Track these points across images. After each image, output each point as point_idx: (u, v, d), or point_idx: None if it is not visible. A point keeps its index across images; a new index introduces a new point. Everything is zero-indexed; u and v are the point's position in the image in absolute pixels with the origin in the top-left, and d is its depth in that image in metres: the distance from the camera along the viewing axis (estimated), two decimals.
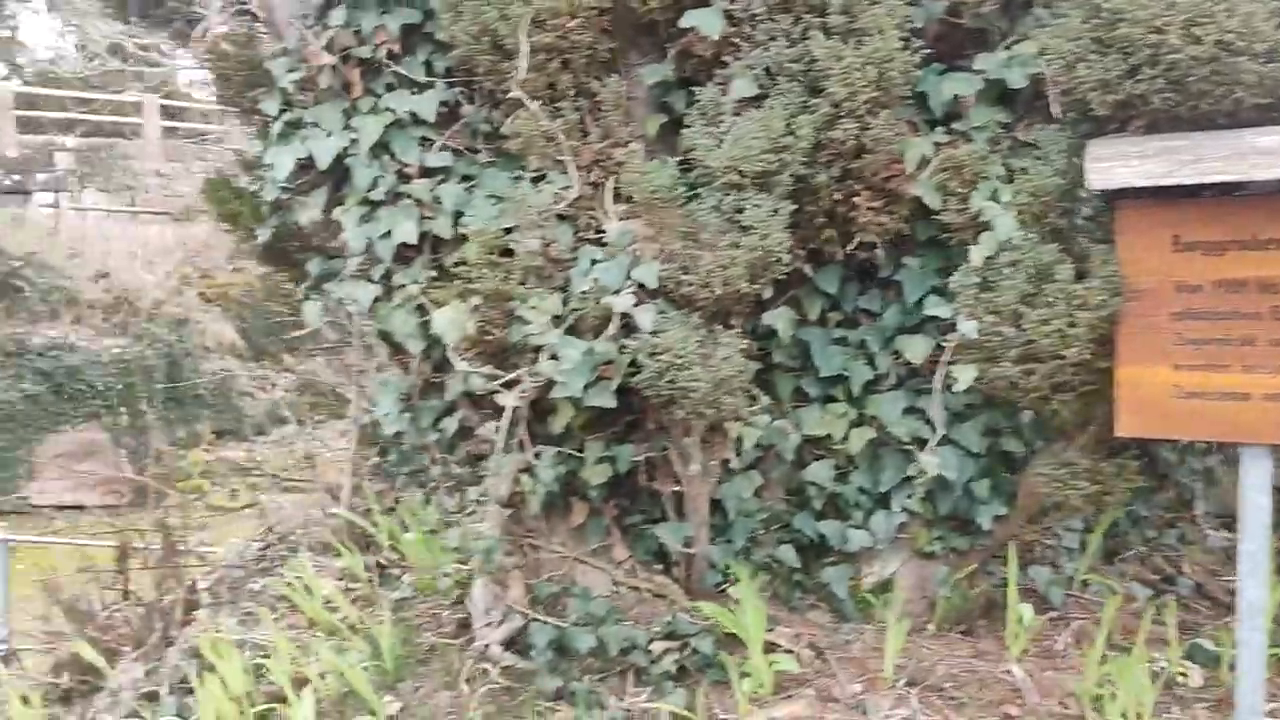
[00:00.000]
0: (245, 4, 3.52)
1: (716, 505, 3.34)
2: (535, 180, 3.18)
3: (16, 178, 17.50)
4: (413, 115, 3.29)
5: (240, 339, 16.79)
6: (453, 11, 3.05)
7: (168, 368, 15.40)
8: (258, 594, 4.32)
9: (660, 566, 3.51)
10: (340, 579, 4.34)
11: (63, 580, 4.61)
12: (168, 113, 19.76)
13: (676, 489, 3.29)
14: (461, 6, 3.02)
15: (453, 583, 3.98)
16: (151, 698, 3.70)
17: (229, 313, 16.80)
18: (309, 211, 3.39)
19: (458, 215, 3.24)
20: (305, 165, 3.34)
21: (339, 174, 3.37)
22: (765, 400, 3.15)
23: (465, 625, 3.82)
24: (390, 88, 3.34)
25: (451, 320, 3.00)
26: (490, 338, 3.00)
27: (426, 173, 3.31)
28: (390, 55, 3.30)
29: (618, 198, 3.07)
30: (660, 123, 3.14)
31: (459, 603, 3.94)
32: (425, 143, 3.32)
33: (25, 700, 3.84)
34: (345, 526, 4.63)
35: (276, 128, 3.33)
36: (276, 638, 3.69)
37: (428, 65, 3.35)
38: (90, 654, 3.92)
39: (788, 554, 3.41)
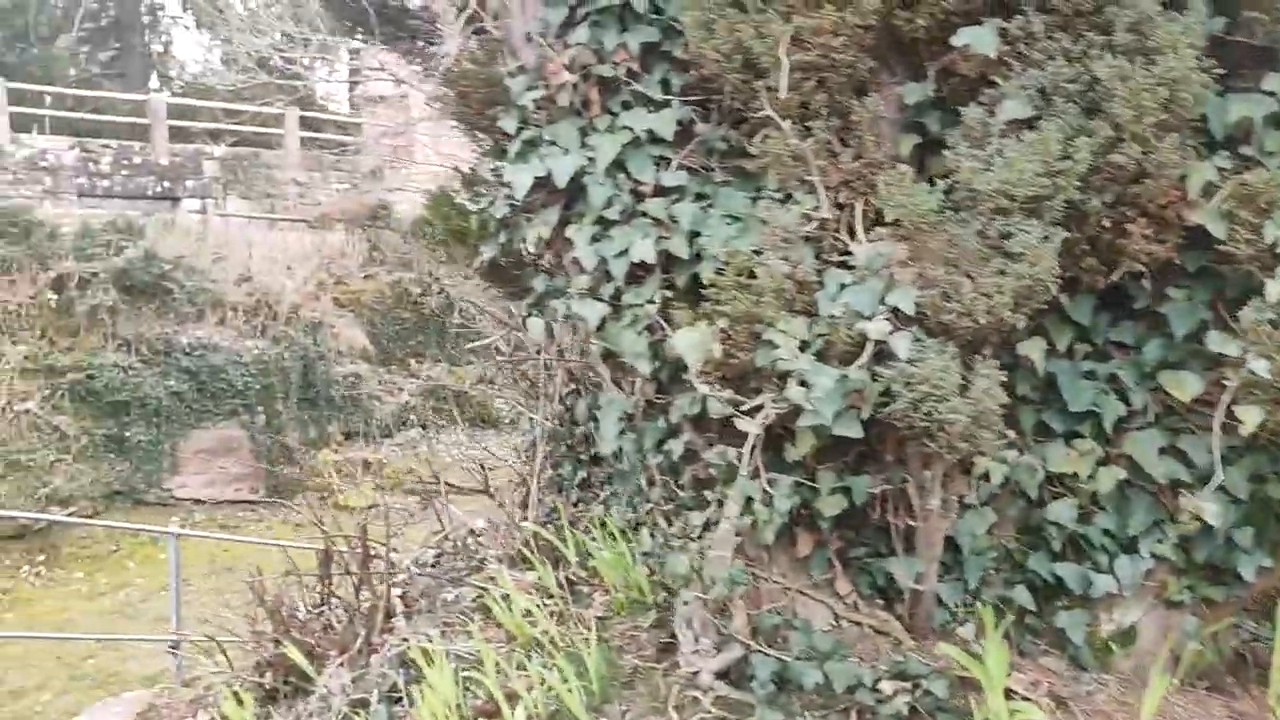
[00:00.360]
0: (480, 22, 3.48)
1: (948, 541, 3.18)
2: (774, 200, 3.07)
3: (167, 184, 18.16)
4: (649, 133, 3.21)
5: (370, 344, 17.10)
6: (703, 30, 2.96)
7: (302, 370, 15.76)
8: (451, 604, 4.30)
9: (881, 602, 3.36)
10: (532, 593, 4.28)
11: (268, 581, 4.63)
12: (307, 124, 20.31)
13: (909, 523, 3.14)
14: (714, 25, 2.92)
15: (655, 605, 3.89)
16: (361, 705, 3.69)
17: (361, 318, 17.14)
18: (538, 229, 3.33)
19: (693, 235, 3.15)
20: (540, 183, 3.29)
21: (571, 192, 3.31)
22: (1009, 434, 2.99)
23: (668, 649, 3.71)
24: (626, 106, 3.27)
25: (695, 342, 2.90)
26: (734, 361, 2.90)
27: (660, 191, 3.23)
28: (629, 73, 3.23)
29: (868, 219, 2.95)
30: (913, 143, 3.01)
31: (659, 625, 3.84)
32: (661, 161, 3.24)
33: (238, 699, 3.87)
34: (531, 539, 4.60)
35: (515, 146, 3.29)
36: (484, 651, 3.64)
37: (664, 83, 3.28)
38: (297, 656, 3.94)
39: (1021, 595, 3.22)
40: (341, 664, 3.87)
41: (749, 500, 3.00)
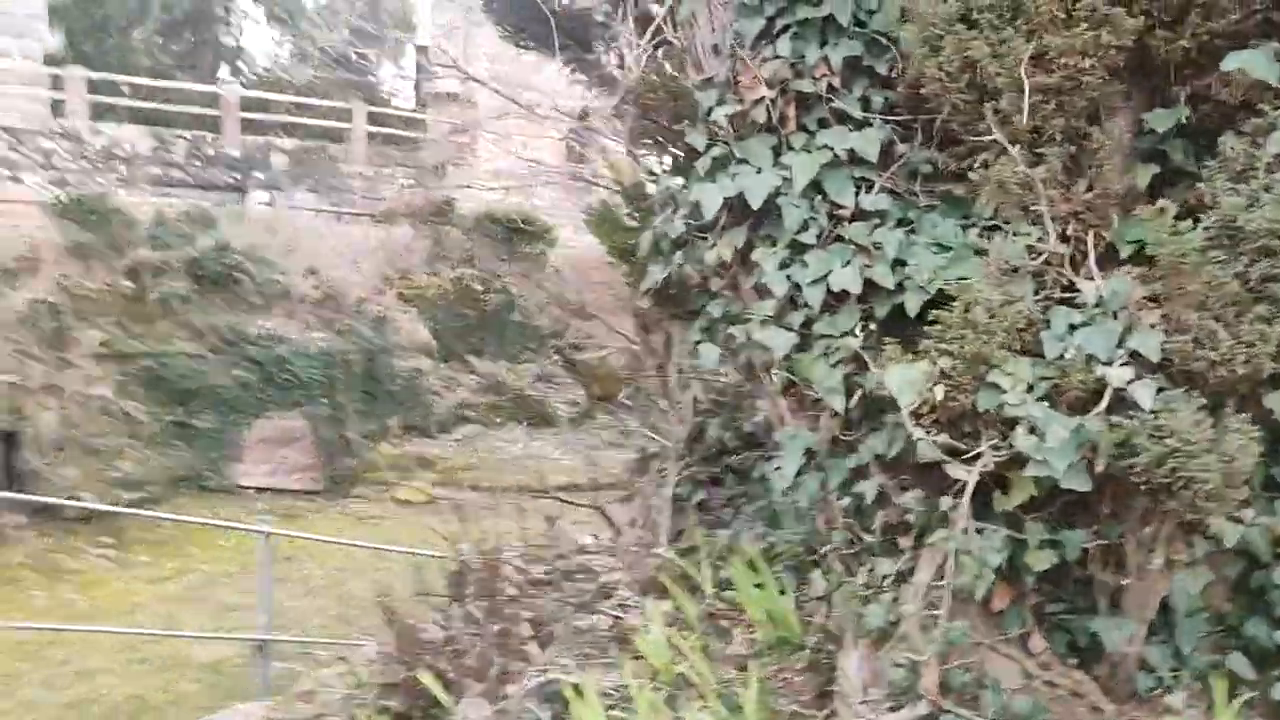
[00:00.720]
0: (662, 34, 3.25)
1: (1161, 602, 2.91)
2: (988, 230, 2.82)
3: (237, 175, 18.13)
4: (850, 153, 2.96)
5: (432, 339, 16.97)
6: (927, 47, 2.71)
7: (365, 362, 15.65)
8: (585, 631, 4.08)
9: (1075, 661, 3.09)
10: (669, 624, 4.05)
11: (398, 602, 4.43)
12: (373, 119, 20.22)
13: (1120, 580, 2.87)
14: (940, 42, 2.67)
15: (806, 646, 3.65)
16: None
17: (423, 313, 17.00)
18: (720, 250, 3.09)
19: (897, 263, 2.90)
20: (725, 202, 3.05)
21: (759, 212, 3.07)
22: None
23: (825, 695, 3.48)
24: (823, 123, 3.03)
25: (910, 380, 2.65)
26: (954, 403, 2.64)
27: (859, 215, 2.98)
28: (830, 89, 2.99)
29: (1102, 255, 2.68)
30: (1152, 174, 2.74)
31: (812, 669, 3.60)
32: (861, 183, 2.99)
33: None
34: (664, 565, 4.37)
35: (704, 163, 3.05)
36: (633, 688, 3.42)
37: (863, 100, 3.03)
38: (434, 686, 3.73)
39: (1238, 662, 2.95)
40: (480, 694, 3.66)
41: (956, 553, 2.75)
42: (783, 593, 3.83)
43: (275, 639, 8.39)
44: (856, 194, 2.97)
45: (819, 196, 2.98)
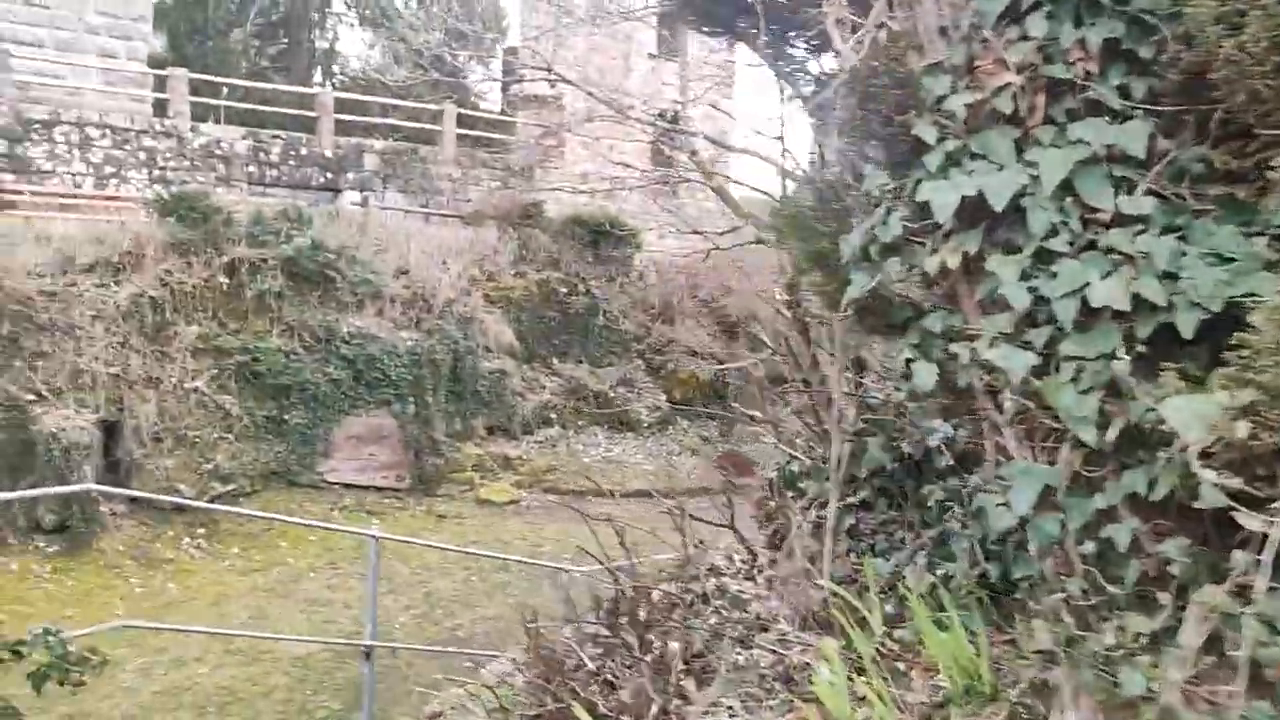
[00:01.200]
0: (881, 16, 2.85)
1: None
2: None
3: (330, 175, 18.08)
4: (1109, 150, 2.53)
5: (516, 340, 16.74)
6: (1222, 25, 2.27)
7: (452, 363, 15.47)
8: (744, 668, 3.69)
9: None
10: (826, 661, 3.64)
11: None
12: (462, 121, 20.08)
13: None
14: (1243, 17, 2.24)
15: (1003, 698, 3.22)
16: None
17: (509, 315, 16.78)
18: (946, 256, 2.68)
19: (1166, 276, 2.46)
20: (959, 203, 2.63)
21: (994, 216, 2.65)
22: None
23: None
24: (1072, 115, 2.60)
25: (1200, 413, 2.22)
26: (1257, 442, 2.20)
27: (1118, 221, 2.55)
28: (1085, 75, 2.56)
29: None
30: None
31: None
32: (1120, 184, 2.55)
33: None
34: (827, 600, 3.96)
35: (934, 159, 2.64)
36: None
37: (1122, 89, 2.59)
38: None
39: None
40: None
41: (1246, 617, 2.30)
42: (971, 635, 3.41)
43: (383, 644, 8.11)
44: (1115, 195, 2.53)
45: (1070, 198, 2.55)
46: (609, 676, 3.70)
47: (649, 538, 14.55)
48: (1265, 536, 2.20)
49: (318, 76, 22.02)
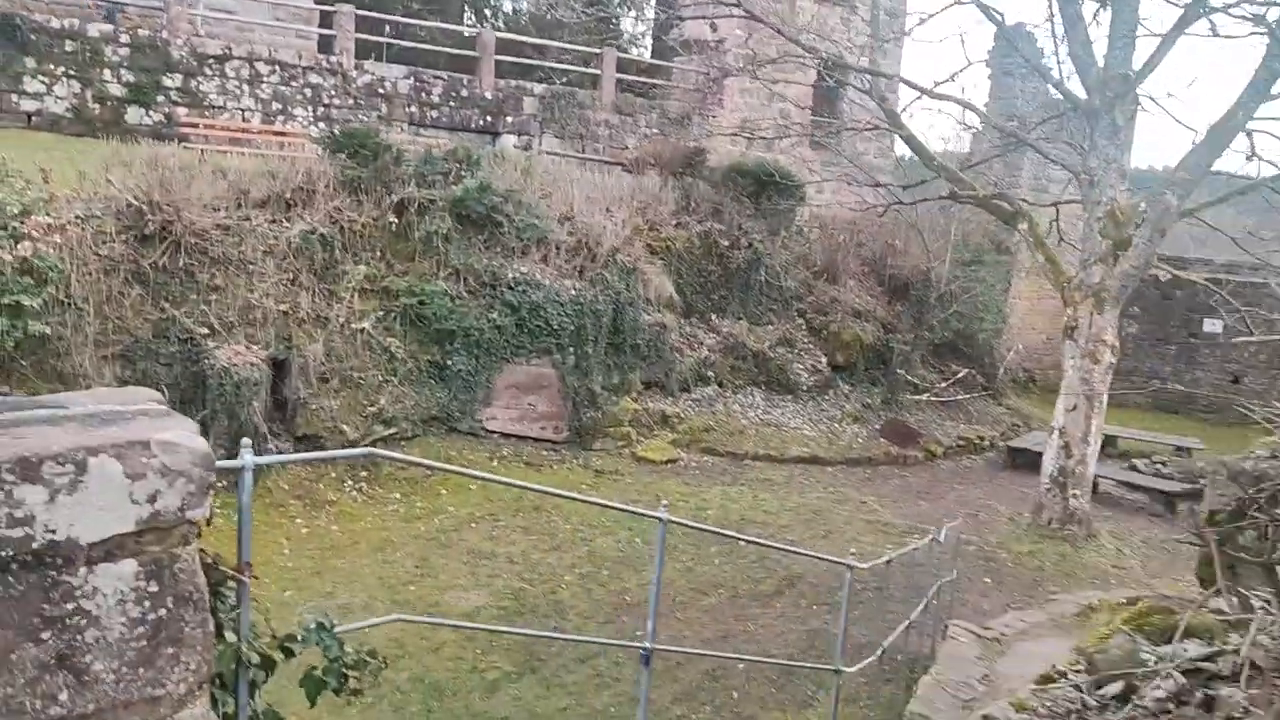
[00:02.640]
0: None
1: None
2: None
3: (489, 118, 17.48)
4: None
5: (676, 295, 15.91)
6: None
7: (613, 314, 14.76)
8: None
9: None
10: None
11: None
12: (620, 66, 19.21)
13: None
14: None
15: None
16: None
17: (669, 267, 15.96)
18: None
19: None
20: None
21: None
22: None
23: None
24: None
25: None
26: None
27: None
28: None
29: None
30: None
31: None
32: None
33: None
34: None
35: None
36: None
37: None
38: None
39: None
40: None
41: None
42: None
43: (663, 648, 7.47)
44: None
45: None
46: None
47: (829, 506, 13.45)
48: None
49: (469, 19, 21.39)
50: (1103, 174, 11.45)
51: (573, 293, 14.26)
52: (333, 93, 16.17)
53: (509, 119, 17.40)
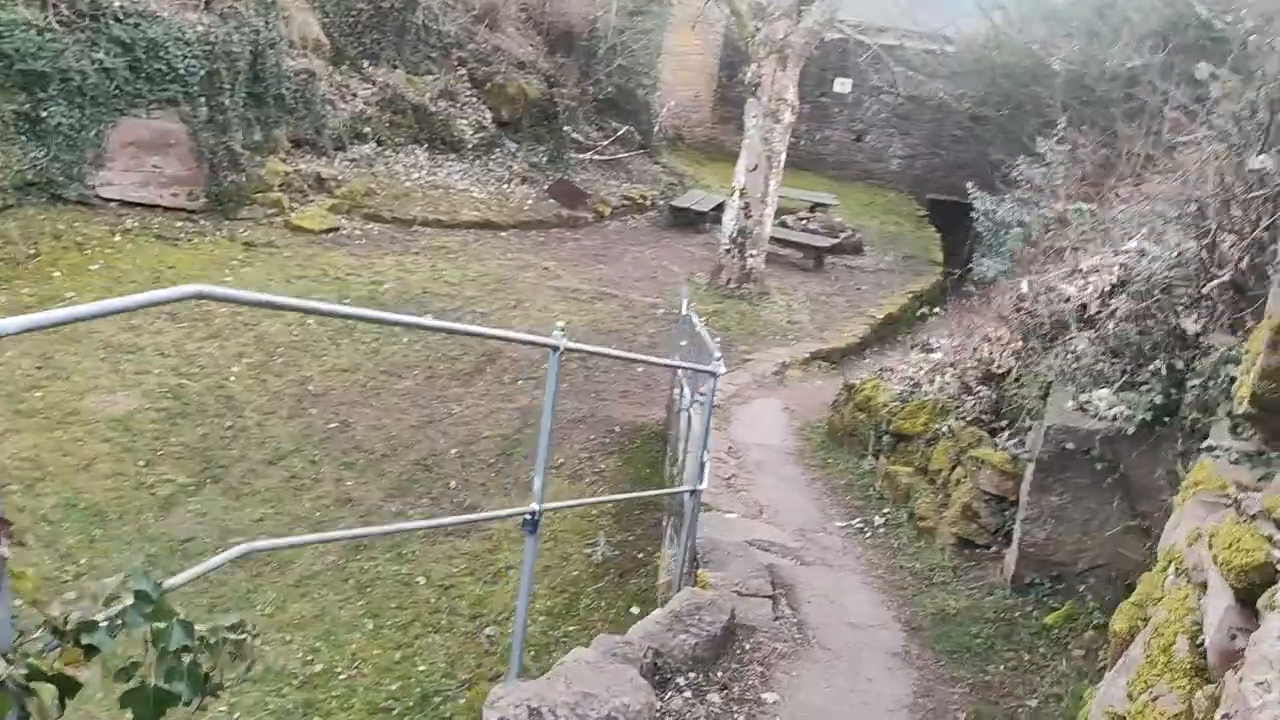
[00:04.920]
0: None
1: None
2: None
3: None
4: None
5: (324, 36, 13.78)
6: None
7: (251, 58, 12.52)
8: None
9: None
10: None
11: None
12: None
13: None
14: None
15: None
16: None
17: (313, 2, 13.68)
18: None
19: None
20: None
21: None
22: None
23: None
24: None
25: None
26: None
27: None
28: None
29: None
30: None
31: None
32: None
33: None
34: None
35: None
36: None
37: None
38: None
39: None
40: None
41: None
42: None
43: (550, 505, 6.54)
44: None
45: None
46: None
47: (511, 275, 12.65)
48: None
49: None
50: None
51: (200, 29, 11.77)
52: None
53: None
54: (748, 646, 3.48)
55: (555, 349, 2.75)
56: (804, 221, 16.01)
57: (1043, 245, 10.09)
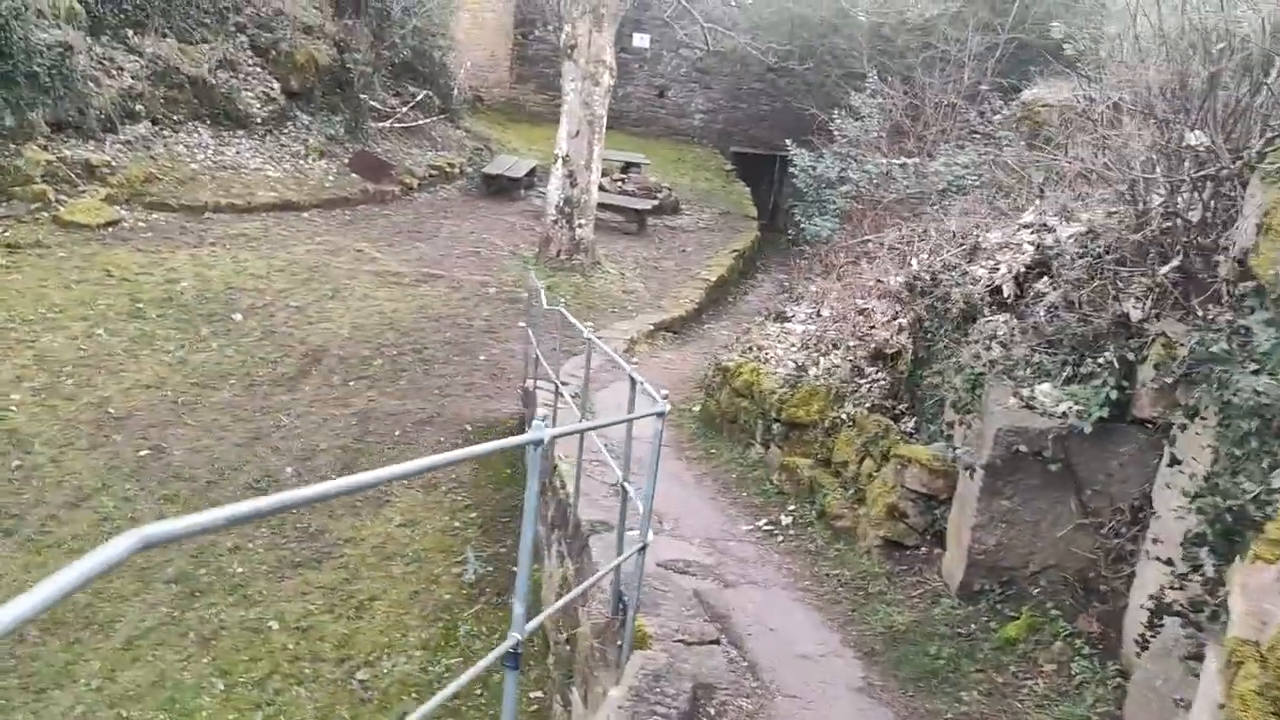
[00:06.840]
0: None
1: None
2: None
3: None
4: None
5: (78, 4, 11.96)
6: None
7: None
8: None
9: None
10: None
11: None
12: None
13: None
14: None
15: None
16: None
17: None
18: None
19: None
20: None
21: None
22: None
23: None
24: None
25: None
26: None
27: None
28: None
29: None
30: None
31: None
32: None
33: None
34: None
35: None
36: None
37: None
38: None
39: None
40: None
41: None
42: None
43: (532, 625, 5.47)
44: None
45: None
46: None
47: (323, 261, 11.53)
48: None
49: None
50: None
51: None
52: None
53: None
54: (713, 711, 3.02)
55: (537, 444, 2.12)
56: (619, 183, 15.52)
57: (868, 200, 10.05)
